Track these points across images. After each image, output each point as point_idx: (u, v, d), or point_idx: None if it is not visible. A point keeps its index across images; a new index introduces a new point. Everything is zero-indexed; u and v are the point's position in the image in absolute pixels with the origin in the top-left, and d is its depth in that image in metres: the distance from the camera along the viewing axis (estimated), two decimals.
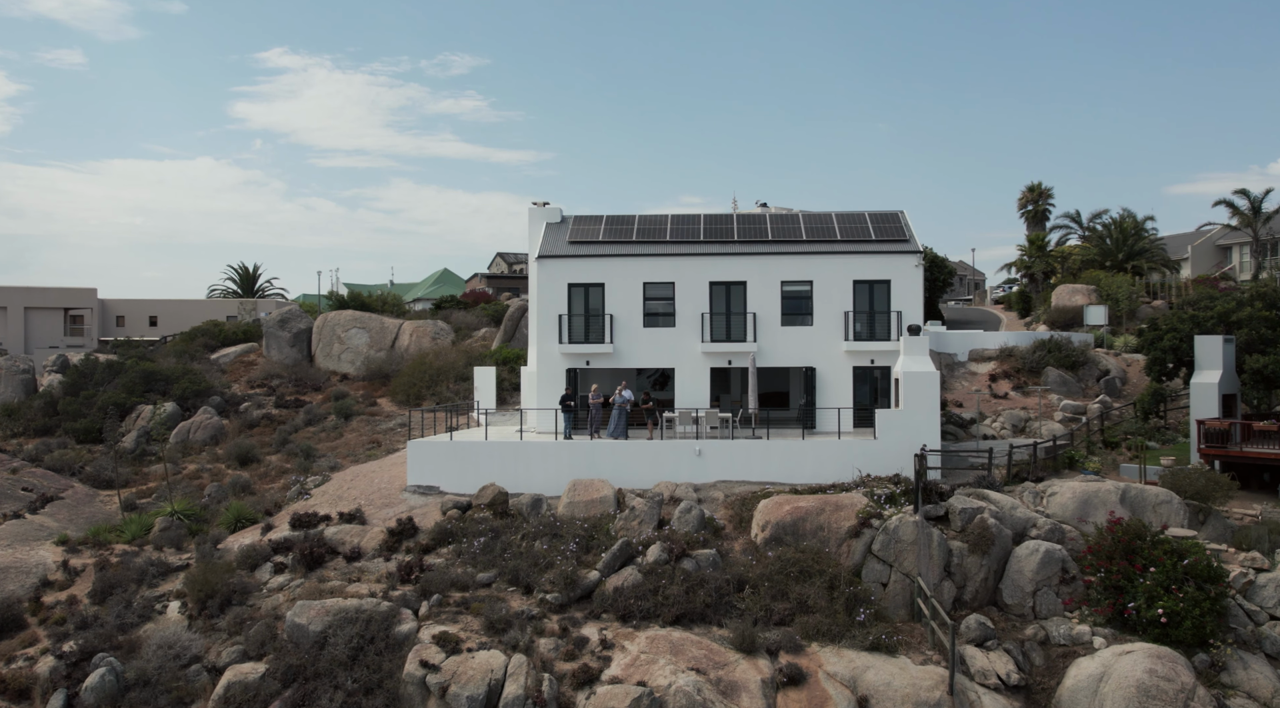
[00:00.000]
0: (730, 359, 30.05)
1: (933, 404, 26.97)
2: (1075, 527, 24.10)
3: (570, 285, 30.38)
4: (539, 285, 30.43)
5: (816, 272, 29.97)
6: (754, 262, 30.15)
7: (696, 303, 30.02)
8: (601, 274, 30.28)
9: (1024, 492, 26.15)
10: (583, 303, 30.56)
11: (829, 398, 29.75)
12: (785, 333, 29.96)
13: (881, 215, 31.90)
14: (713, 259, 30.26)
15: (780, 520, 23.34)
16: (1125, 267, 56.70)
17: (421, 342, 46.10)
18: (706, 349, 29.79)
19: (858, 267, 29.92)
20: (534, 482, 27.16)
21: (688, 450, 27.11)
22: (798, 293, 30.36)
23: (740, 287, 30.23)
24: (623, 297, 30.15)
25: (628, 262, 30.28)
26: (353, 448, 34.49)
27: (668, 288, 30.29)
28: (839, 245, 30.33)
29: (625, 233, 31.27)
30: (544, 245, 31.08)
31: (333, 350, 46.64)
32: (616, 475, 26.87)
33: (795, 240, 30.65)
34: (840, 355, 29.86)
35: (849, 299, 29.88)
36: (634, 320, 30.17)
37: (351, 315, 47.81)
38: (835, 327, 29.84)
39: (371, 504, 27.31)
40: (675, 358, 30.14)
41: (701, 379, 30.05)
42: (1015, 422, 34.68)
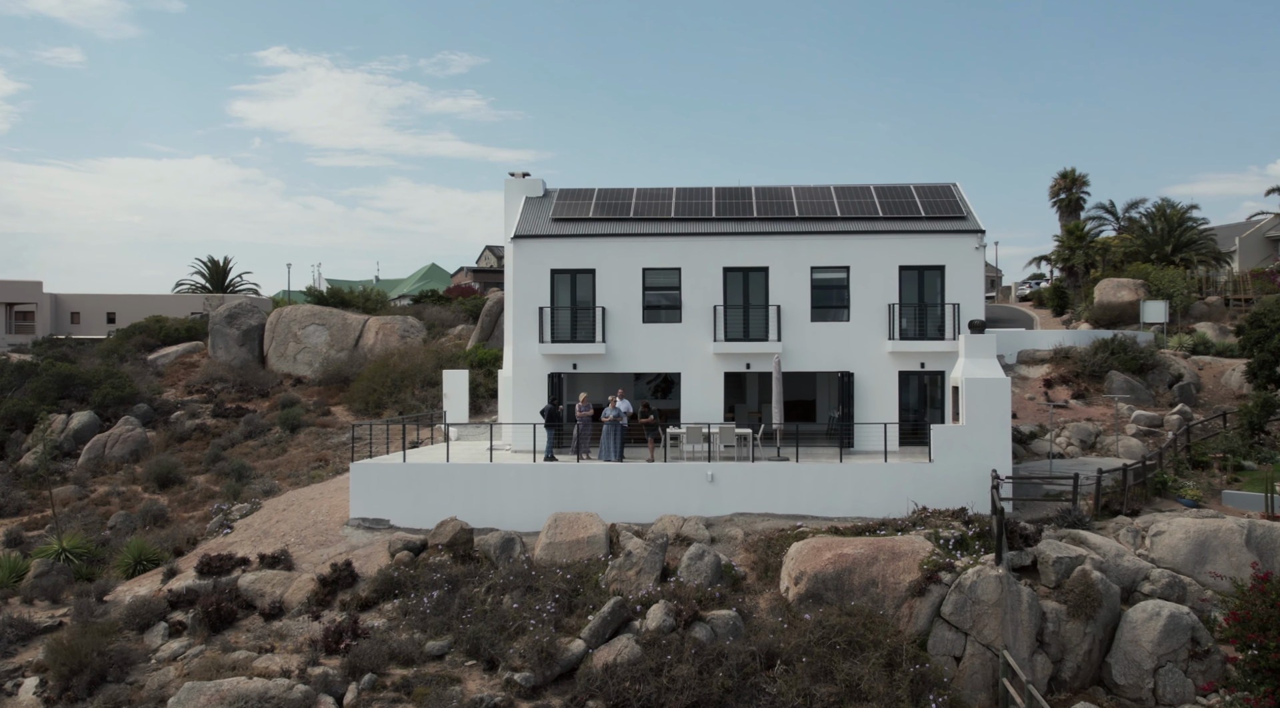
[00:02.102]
0: (749, 362, 25.01)
1: (1002, 418, 22.03)
2: (1193, 578, 19.14)
3: (554, 272, 25.34)
4: (515, 272, 25.40)
5: (854, 255, 24.95)
6: (778, 243, 25.12)
7: (707, 293, 24.99)
8: (592, 258, 25.24)
9: (1119, 530, 21.17)
10: (569, 293, 25.53)
11: (870, 409, 24.75)
12: (816, 330, 24.95)
13: (931, 188, 26.89)
14: (727, 240, 25.22)
15: (820, 572, 18.34)
16: (1173, 259, 52.18)
17: (389, 340, 41.04)
18: (720, 350, 24.75)
19: (904, 249, 24.92)
20: (506, 515, 22.17)
21: (697, 476, 22.13)
22: (831, 281, 25.36)
23: (761, 274, 25.21)
24: (618, 286, 25.12)
25: (624, 243, 25.25)
26: (296, 467, 29.44)
27: (673, 275, 25.27)
28: (881, 223, 25.32)
29: (621, 209, 26.24)
30: (522, 223, 26.04)
31: (287, 350, 41.57)
32: (609, 507, 21.88)
33: (828, 217, 25.64)
34: (883, 358, 24.85)
35: (893, 289, 24.87)
36: (631, 315, 25.13)
37: (309, 311, 42.73)
38: (877, 322, 24.83)
39: (303, 542, 22.24)
40: (681, 360, 25.11)
41: (713, 386, 25.03)
42: (1083, 436, 29.71)
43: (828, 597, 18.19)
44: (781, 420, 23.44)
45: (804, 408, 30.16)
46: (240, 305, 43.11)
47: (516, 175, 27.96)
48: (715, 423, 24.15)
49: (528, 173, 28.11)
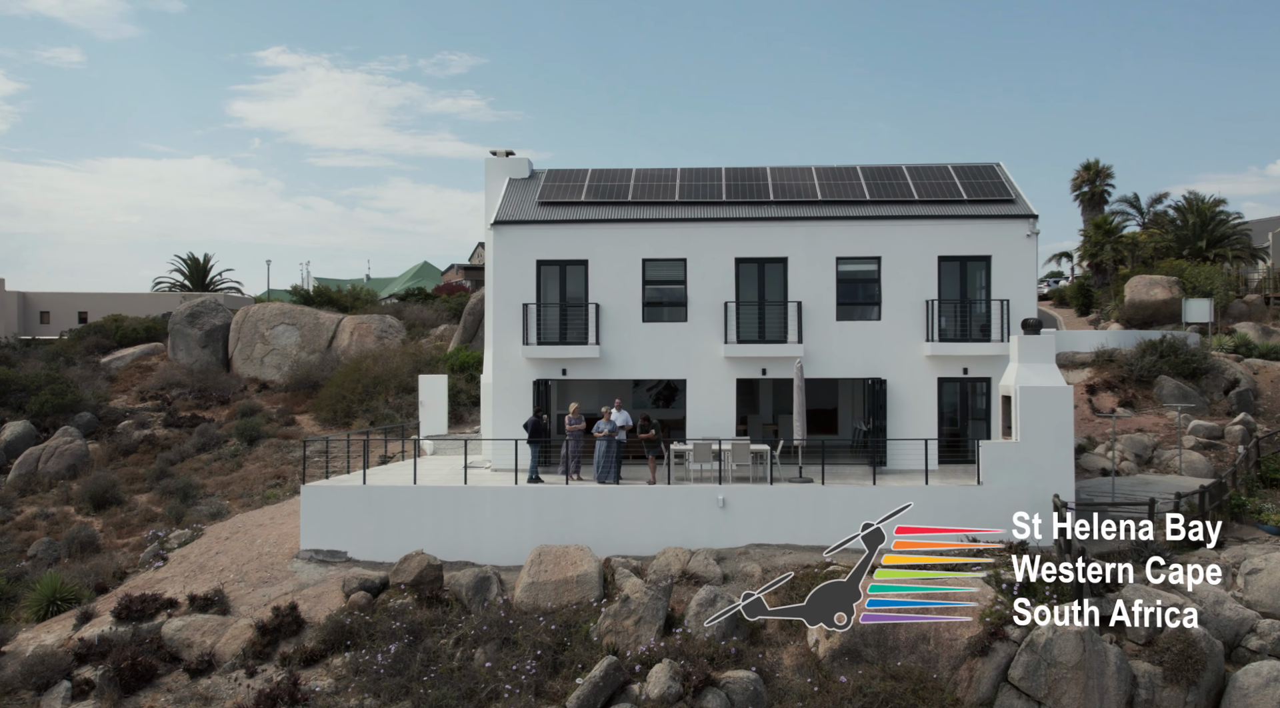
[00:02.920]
0: (764, 367, 21.93)
1: (1064, 433, 19.03)
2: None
3: (540, 263, 22.26)
4: (496, 263, 22.31)
5: (886, 244, 21.89)
6: (798, 230, 22.04)
7: (717, 288, 21.93)
8: (584, 247, 22.16)
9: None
10: (557, 288, 22.45)
11: (904, 422, 21.68)
12: (842, 331, 21.88)
13: (972, 168, 23.82)
14: (741, 226, 22.14)
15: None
16: (1206, 255, 49.42)
17: (364, 341, 37.95)
18: (731, 353, 21.67)
19: (944, 237, 21.86)
20: (482, 547, 19.15)
21: (706, 500, 19.10)
22: (859, 274, 22.30)
23: (779, 266, 22.14)
24: (614, 279, 22.05)
25: (621, 230, 22.17)
26: (251, 485, 26.37)
27: (677, 267, 22.20)
28: (916, 208, 22.25)
29: (618, 191, 23.15)
30: (503, 208, 22.95)
31: (254, 352, 38.47)
32: (602, 538, 18.87)
33: (855, 201, 22.57)
34: (919, 362, 21.78)
35: (932, 283, 21.81)
36: (629, 312, 22.06)
37: (278, 309, 39.63)
38: (912, 321, 21.77)
39: (245, 579, 19.16)
40: (687, 365, 22.04)
41: (724, 395, 21.95)
42: (1138, 449, 26.67)
43: (867, 654, 15.13)
44: (804, 435, 20.35)
45: (824, 419, 27.08)
46: (204, 303, 40.02)
47: (499, 153, 24.89)
48: (726, 438, 21.08)
49: (512, 151, 25.02)
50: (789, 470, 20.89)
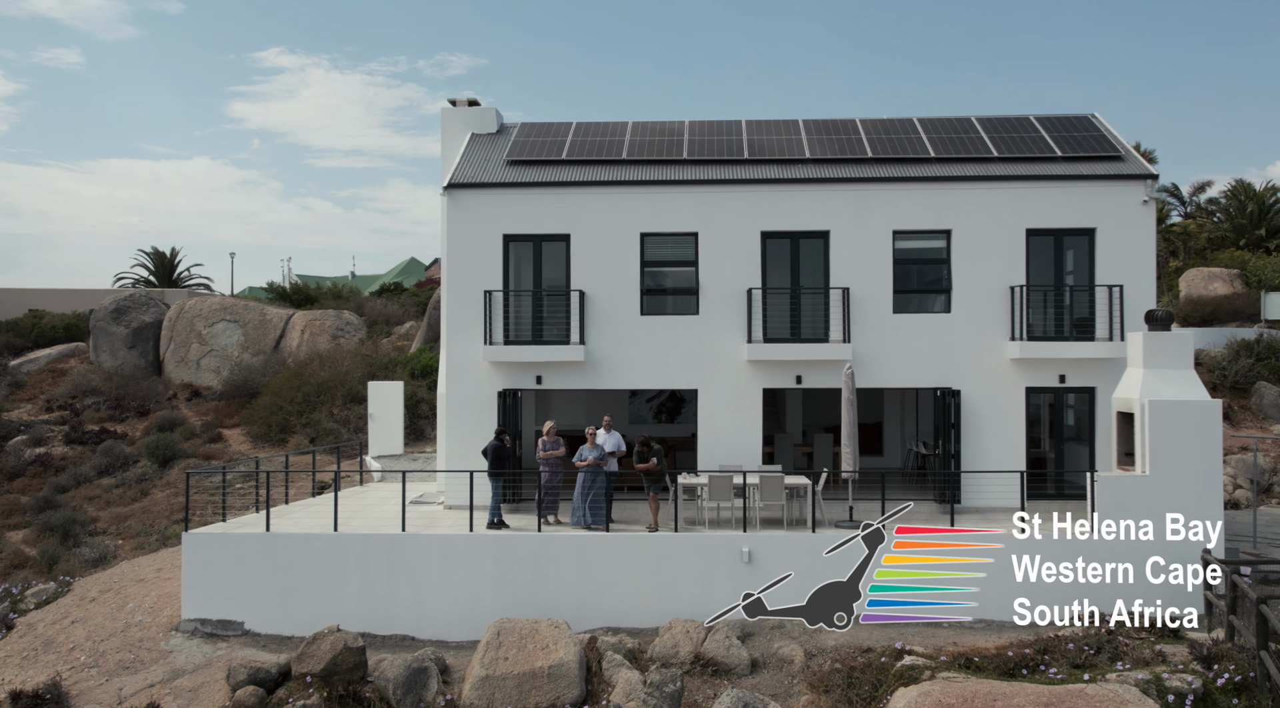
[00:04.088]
0: (799, 374, 17.16)
1: (1211, 463, 14.31)
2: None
3: (508, 240, 17.48)
4: (451, 239, 17.54)
5: (958, 213, 17.13)
6: (843, 196, 17.28)
7: (739, 271, 17.18)
8: (566, 218, 17.40)
9: None
10: (531, 271, 17.70)
11: (982, 444, 16.94)
12: (902, 326, 17.13)
13: (1061, 120, 19.07)
14: (768, 191, 17.37)
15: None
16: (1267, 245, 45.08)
17: (317, 341, 33.14)
18: (757, 355, 16.90)
19: (1034, 204, 17.11)
20: (425, 618, 14.50)
21: (726, 553, 14.44)
22: (923, 253, 17.60)
23: (818, 241, 17.38)
24: (604, 260, 17.31)
25: (614, 196, 17.41)
26: (153, 519, 21.61)
27: (686, 244, 17.45)
28: (996, 167, 17.49)
29: (610, 148, 18.38)
30: (462, 168, 18.18)
31: (188, 354, 33.64)
32: (586, 605, 14.23)
33: (916, 159, 17.81)
34: (1002, 367, 17.02)
35: (1018, 264, 17.06)
36: (624, 303, 17.31)
37: (219, 304, 34.83)
38: (992, 315, 17.02)
39: (99, 662, 14.39)
40: (698, 371, 17.29)
41: (746, 410, 17.19)
42: (1252, 474, 21.89)
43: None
44: (857, 466, 15.57)
45: (865, 437, 22.34)
46: (132, 297, 35.16)
47: (459, 103, 20.09)
48: (752, 468, 16.35)
49: (476, 100, 20.22)
50: (835, 510, 16.12)
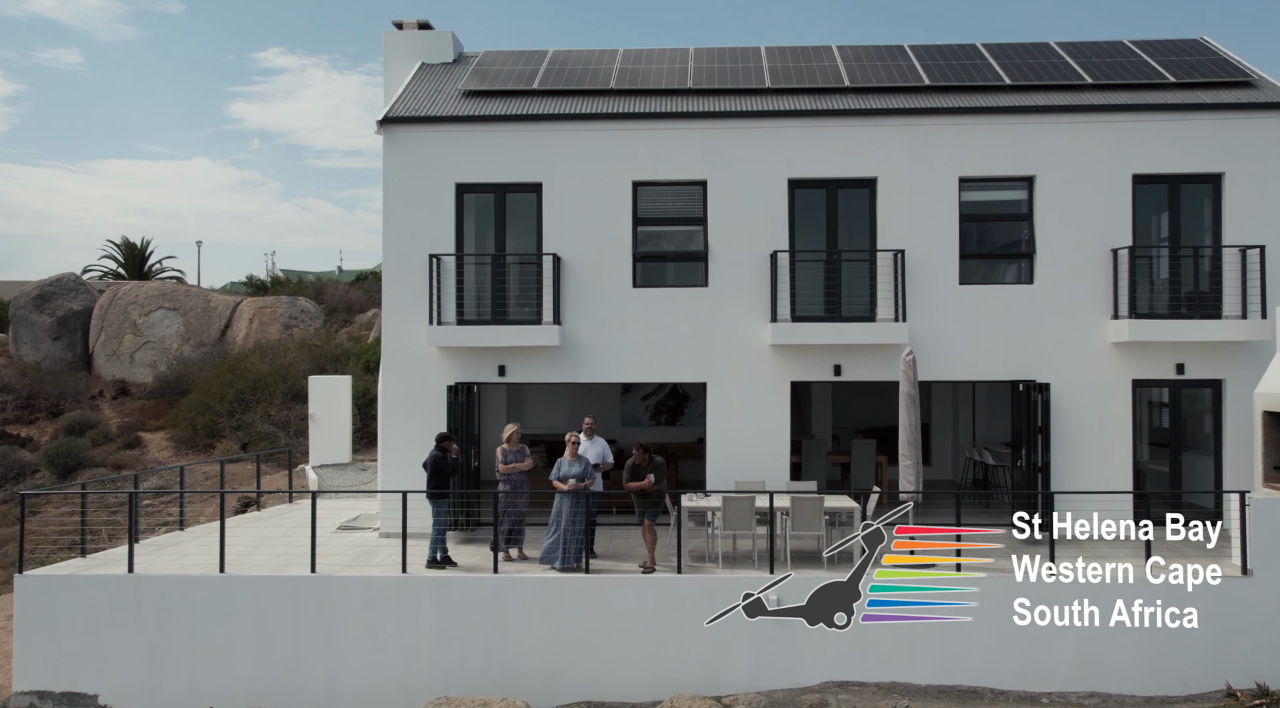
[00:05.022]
0: (838, 363, 13.47)
1: None
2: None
3: (463, 190, 13.78)
4: (389, 189, 13.86)
5: (1041, 155, 13.45)
6: (894, 132, 13.59)
7: (760, 230, 13.50)
8: (536, 162, 13.71)
9: None
10: (492, 230, 14.02)
11: (1078, 450, 13.26)
12: (970, 301, 13.46)
13: (1167, 44, 15.40)
14: (797, 126, 13.67)
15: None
16: None
17: (267, 330, 29.46)
18: (783, 338, 13.19)
19: (1141, 142, 13.45)
20: (339, 691, 10.93)
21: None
22: (998, 207, 13.96)
23: (861, 192, 13.70)
24: (585, 216, 13.62)
25: (599, 133, 13.71)
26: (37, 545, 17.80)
27: (691, 196, 13.78)
28: (1091, 95, 13.81)
29: (594, 77, 14.70)
30: (406, 99, 14.47)
31: (121, 346, 29.94)
32: (558, 674, 10.65)
33: (986, 87, 14.10)
34: (1101, 353, 13.34)
35: (1121, 220, 13.40)
36: (611, 271, 13.64)
37: (156, 290, 31.16)
38: (1088, 286, 13.34)
39: None
40: (707, 359, 13.62)
41: (769, 409, 13.51)
42: None
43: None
44: (919, 481, 11.90)
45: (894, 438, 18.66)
46: (60, 283, 31.43)
47: (406, 25, 16.37)
48: (778, 484, 12.72)
49: (428, 24, 16.52)
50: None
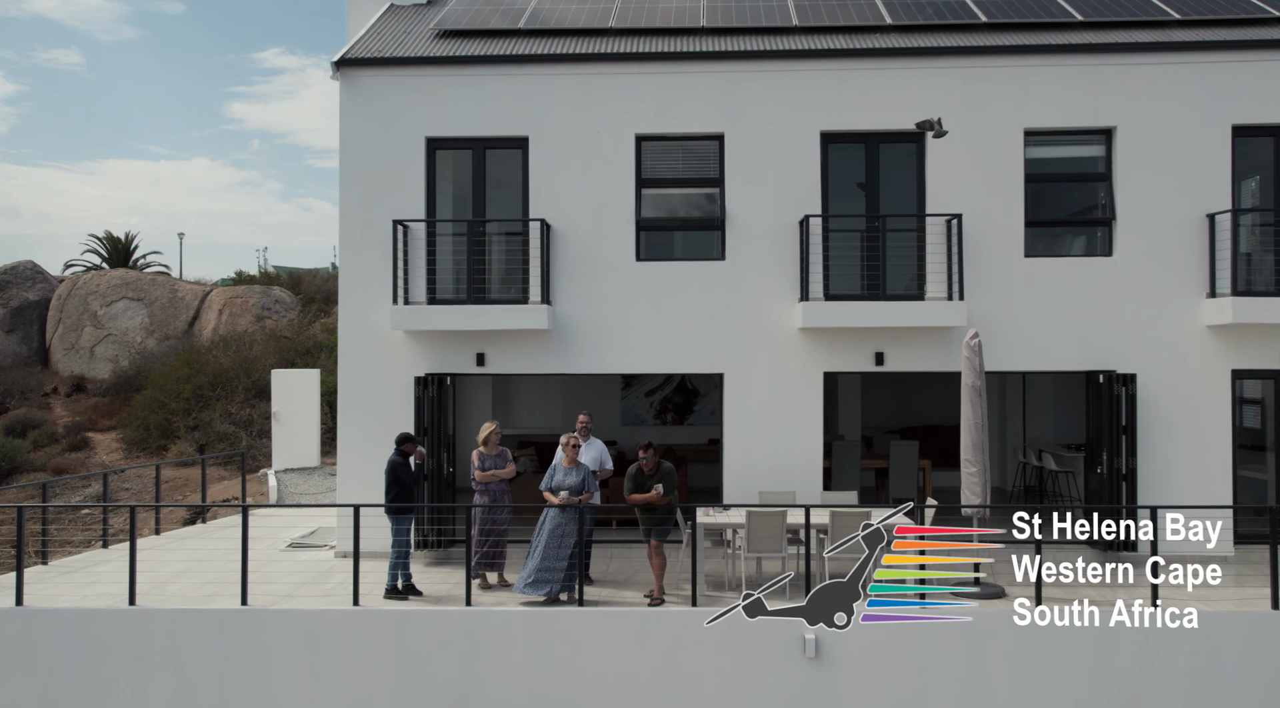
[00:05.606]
0: (881, 350, 11.41)
1: None
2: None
3: (434, 145, 11.72)
4: (347, 144, 11.83)
5: (1123, 102, 11.40)
6: (947, 75, 11.54)
7: (786, 193, 11.46)
8: (522, 112, 11.66)
9: None
10: (469, 193, 11.94)
11: (1167, 453, 11.16)
12: (1037, 276, 11.43)
13: None
14: (831, 69, 11.60)
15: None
16: None
17: (238, 322, 27.43)
18: (815, 320, 11.12)
19: (1242, 87, 11.44)
20: None
21: (778, 639, 8.86)
22: (1070, 165, 11.94)
23: (908, 147, 11.67)
24: (579, 176, 11.57)
25: (594, 79, 11.65)
26: None
27: (704, 154, 11.74)
28: (1178, 32, 11.70)
29: (590, 15, 12.67)
30: (368, 41, 12.41)
31: (80, 339, 27.92)
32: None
33: (1054, 24, 12.02)
34: (1195, 340, 11.29)
35: (1219, 180, 11.36)
36: (610, 242, 11.58)
37: (119, 279, 29.15)
38: (1179, 257, 11.29)
39: None
40: (724, 345, 11.60)
41: (799, 405, 11.47)
42: None
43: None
44: (988, 490, 9.86)
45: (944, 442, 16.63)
46: (14, 271, 29.40)
47: None
48: (810, 494, 10.70)
49: None
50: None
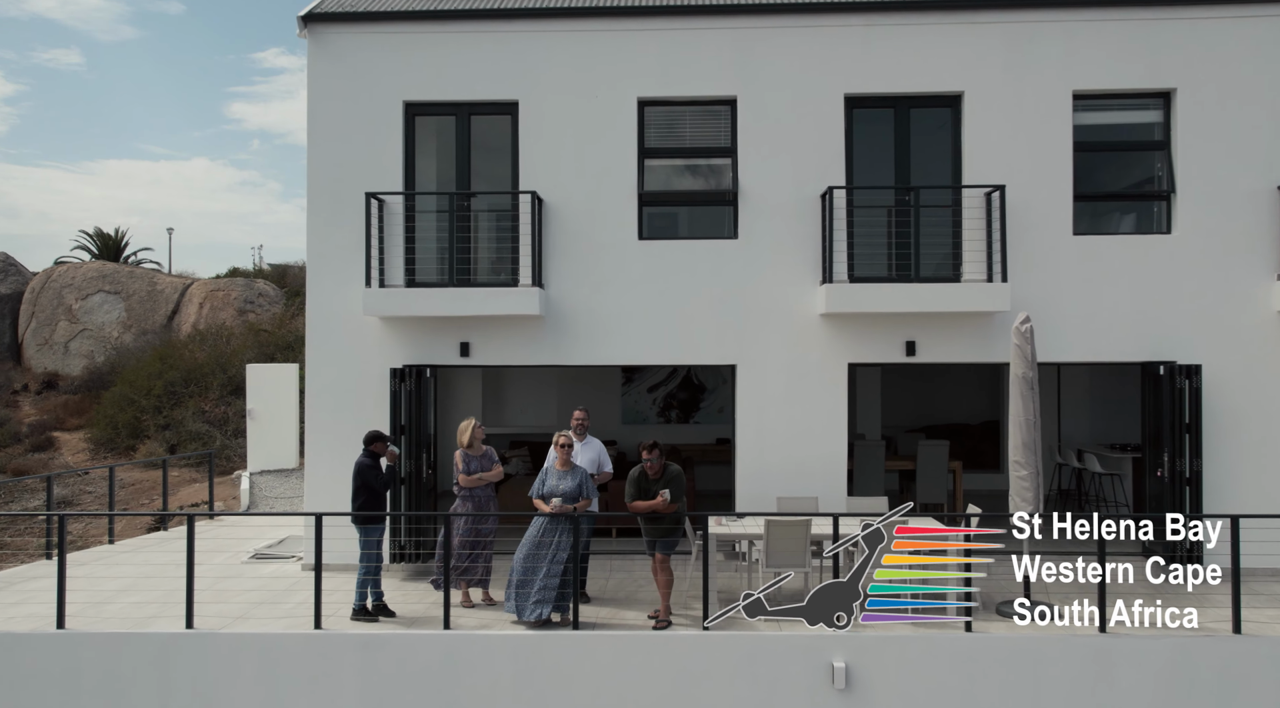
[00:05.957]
0: (912, 339, 10.20)
1: None
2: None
3: (413, 110, 10.53)
4: (315, 109, 10.59)
5: (1183, 60, 10.25)
6: (985, 32, 10.33)
7: (806, 164, 10.26)
8: (511, 73, 10.47)
9: None
10: (452, 164, 10.74)
11: (1236, 454, 9.93)
12: (1088, 256, 10.24)
13: None
14: (856, 25, 10.45)
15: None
16: None
17: (220, 315, 26.31)
18: (839, 304, 9.92)
19: None
20: None
21: (801, 667, 7.61)
22: (1120, 130, 10.71)
23: (942, 112, 10.46)
24: (575, 146, 10.39)
25: (590, 37, 10.47)
26: None
27: (715, 120, 10.55)
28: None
29: None
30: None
31: (55, 334, 26.79)
32: None
33: None
34: (1266, 324, 10.06)
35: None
36: (609, 218, 10.40)
37: (96, 271, 28.05)
38: (1248, 234, 10.06)
39: None
40: (735, 334, 10.41)
41: (821, 400, 10.27)
42: None
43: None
44: (1039, 494, 8.68)
45: (974, 441, 15.49)
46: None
47: None
48: (832, 499, 9.55)
49: None
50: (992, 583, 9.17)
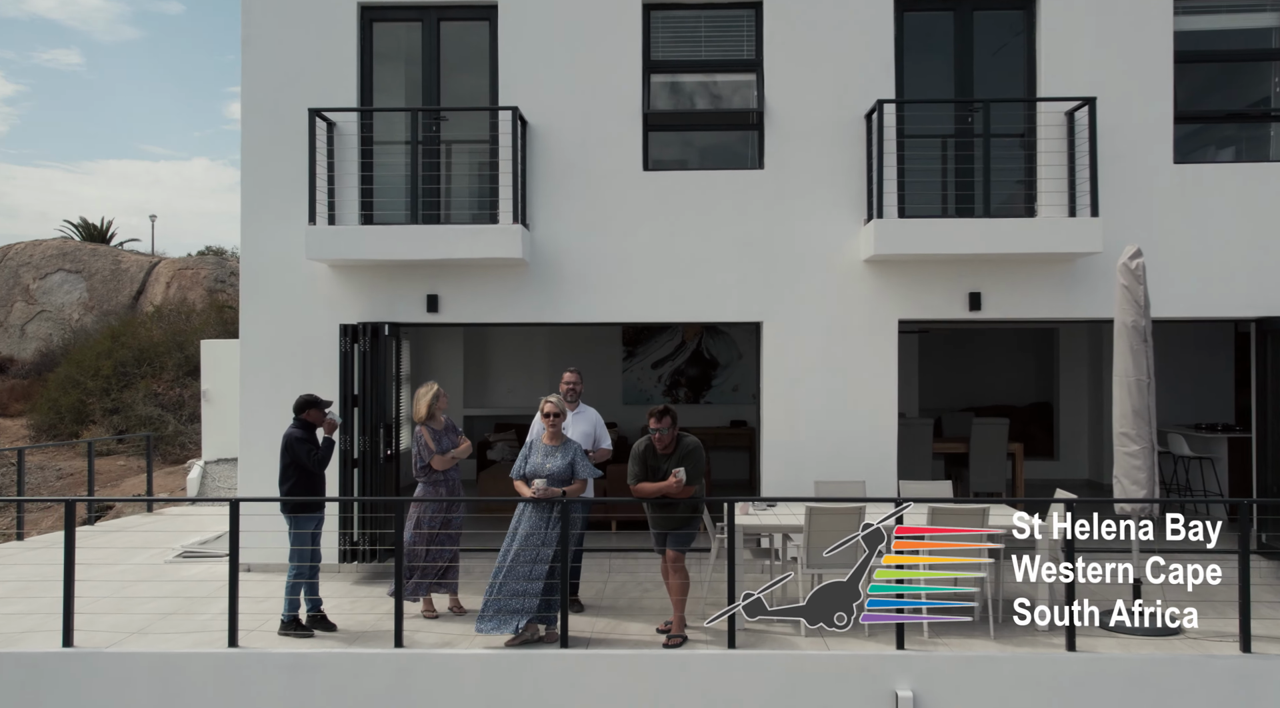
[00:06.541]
0: (976, 290, 8.38)
1: None
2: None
3: (368, 12, 8.67)
4: (252, 12, 8.69)
5: None
6: None
7: (845, 76, 8.45)
8: None
9: None
10: (418, 77, 8.89)
11: None
12: (1192, 189, 8.37)
13: None
14: None
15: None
16: None
17: (188, 295, 24.52)
18: (889, 247, 8.12)
19: None
20: None
21: (858, 696, 5.64)
22: (1229, 37, 8.89)
23: (1009, 15, 8.59)
24: (565, 55, 8.56)
25: None
26: None
27: (735, 23, 8.72)
28: None
29: None
30: None
31: (10, 316, 25.07)
32: None
33: None
34: None
35: None
36: (608, 144, 8.57)
37: (56, 249, 26.36)
38: None
39: None
40: (761, 286, 8.61)
41: (866, 363, 8.43)
42: None
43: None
44: (1154, 478, 6.87)
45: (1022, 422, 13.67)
46: None
47: None
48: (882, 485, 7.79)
49: None
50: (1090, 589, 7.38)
